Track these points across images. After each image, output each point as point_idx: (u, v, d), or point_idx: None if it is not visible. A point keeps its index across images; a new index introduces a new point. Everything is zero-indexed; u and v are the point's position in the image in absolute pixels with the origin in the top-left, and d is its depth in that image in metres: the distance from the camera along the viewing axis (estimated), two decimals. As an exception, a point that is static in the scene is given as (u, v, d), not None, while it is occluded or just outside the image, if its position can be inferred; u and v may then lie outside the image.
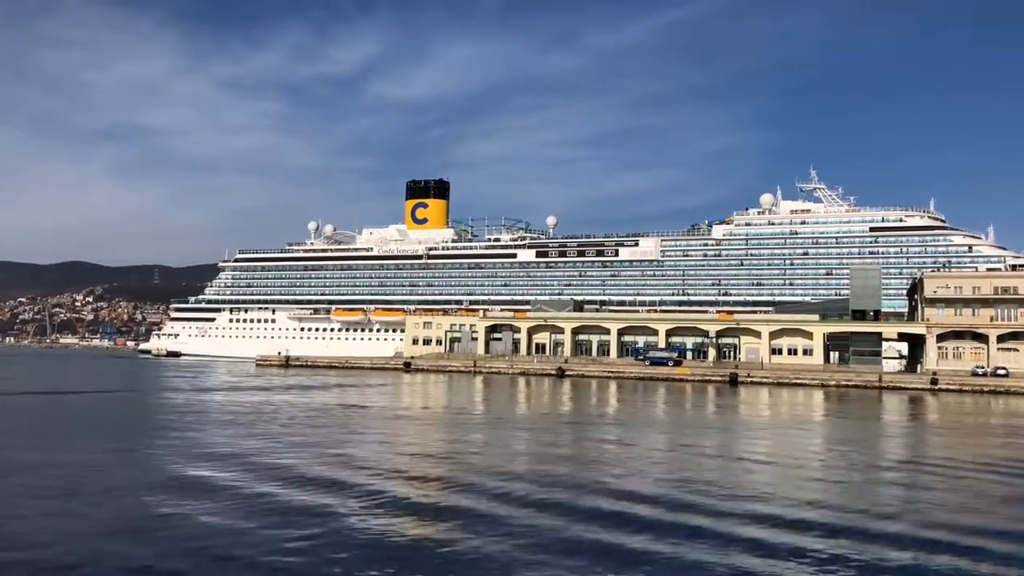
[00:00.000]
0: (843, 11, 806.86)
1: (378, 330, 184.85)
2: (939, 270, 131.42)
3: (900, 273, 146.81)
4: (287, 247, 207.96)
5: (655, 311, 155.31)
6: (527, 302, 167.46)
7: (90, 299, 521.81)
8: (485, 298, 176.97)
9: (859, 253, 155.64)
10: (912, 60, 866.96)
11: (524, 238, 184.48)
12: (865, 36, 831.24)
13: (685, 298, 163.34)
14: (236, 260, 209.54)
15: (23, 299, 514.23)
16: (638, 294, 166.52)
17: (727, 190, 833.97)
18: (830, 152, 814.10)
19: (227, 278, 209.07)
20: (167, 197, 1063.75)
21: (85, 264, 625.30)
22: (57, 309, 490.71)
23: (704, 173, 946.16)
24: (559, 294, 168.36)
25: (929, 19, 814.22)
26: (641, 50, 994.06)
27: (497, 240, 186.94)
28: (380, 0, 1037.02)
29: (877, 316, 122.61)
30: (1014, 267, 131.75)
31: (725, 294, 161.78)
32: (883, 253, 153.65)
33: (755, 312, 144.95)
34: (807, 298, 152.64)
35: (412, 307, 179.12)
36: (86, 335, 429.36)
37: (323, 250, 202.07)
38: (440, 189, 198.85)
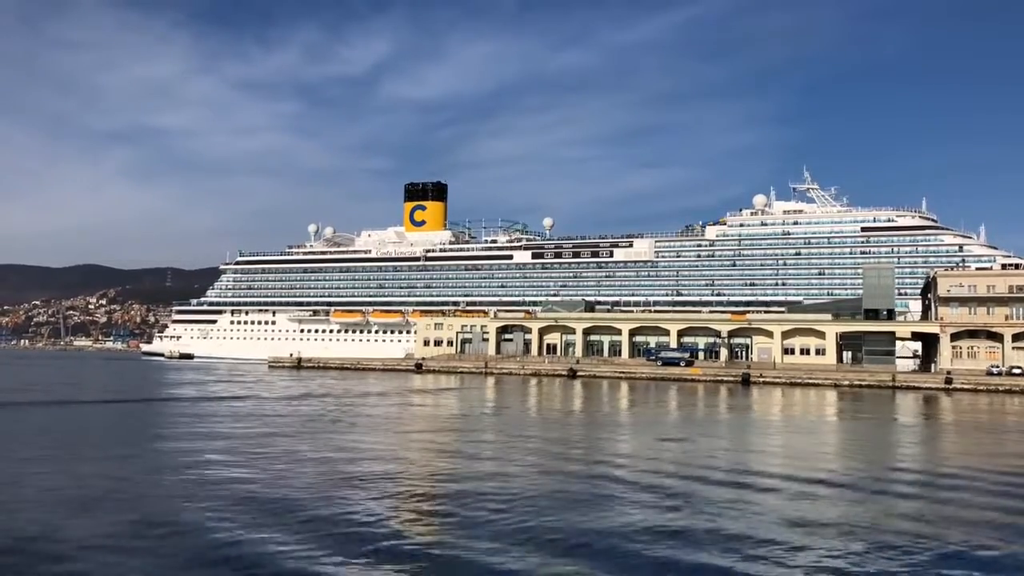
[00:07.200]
0: (858, 7, 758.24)
1: (376, 331, 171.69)
2: (950, 269, 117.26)
3: (891, 273, 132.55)
4: (287, 249, 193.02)
5: (665, 311, 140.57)
6: (524, 303, 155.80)
7: (103, 302, 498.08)
8: (482, 299, 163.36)
9: (851, 253, 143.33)
10: (913, 57, 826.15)
11: (520, 240, 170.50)
12: (878, 33, 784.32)
13: (679, 298, 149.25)
14: (237, 263, 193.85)
15: (37, 302, 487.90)
16: (632, 295, 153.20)
17: (743, 188, 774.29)
18: (844, 150, 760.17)
19: (228, 280, 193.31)
20: (180, 199, 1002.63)
21: (99, 267, 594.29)
22: (71, 312, 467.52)
23: (719, 171, 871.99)
24: (555, 295, 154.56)
25: (931, 16, 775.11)
26: (656, 47, 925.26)
27: (494, 242, 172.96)
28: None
29: (891, 315, 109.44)
30: (1004, 267, 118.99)
31: (718, 294, 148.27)
32: (874, 253, 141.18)
33: (748, 311, 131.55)
34: (799, 298, 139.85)
35: (410, 309, 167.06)
36: (100, 337, 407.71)
37: (322, 252, 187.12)
38: (438, 191, 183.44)
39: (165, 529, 18.16)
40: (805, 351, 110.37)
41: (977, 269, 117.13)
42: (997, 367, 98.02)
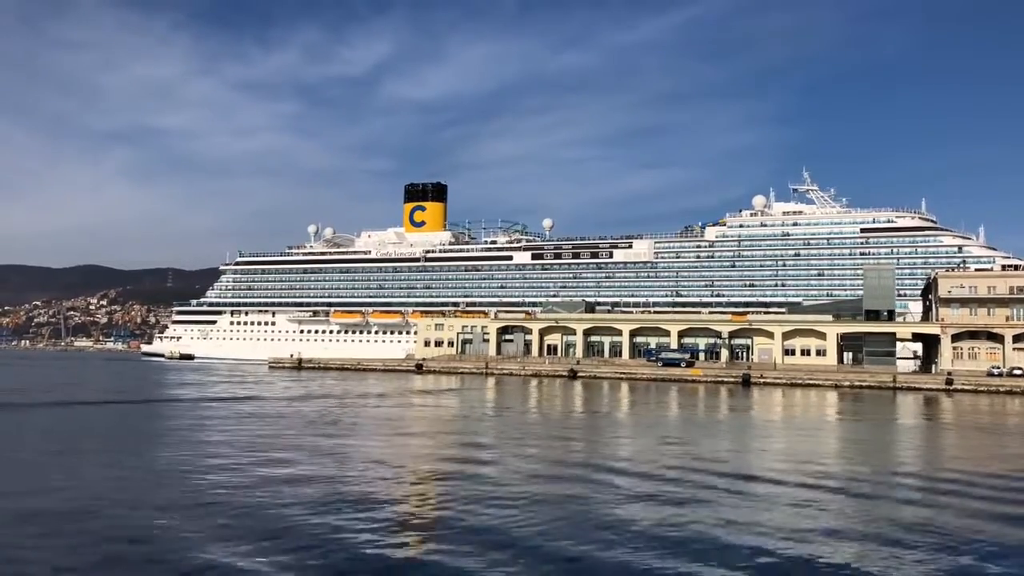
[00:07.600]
0: (858, 7, 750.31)
1: (376, 332, 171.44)
2: (950, 270, 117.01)
3: (892, 274, 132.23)
4: (287, 250, 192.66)
5: (665, 312, 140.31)
6: (524, 304, 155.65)
7: (104, 302, 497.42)
8: (482, 300, 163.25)
9: (850, 254, 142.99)
10: (913, 58, 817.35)
11: (520, 240, 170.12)
12: (878, 33, 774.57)
13: (679, 299, 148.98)
14: (236, 263, 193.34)
15: (38, 302, 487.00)
16: (632, 295, 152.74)
17: (743, 189, 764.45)
18: (844, 151, 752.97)
19: (228, 281, 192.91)
20: (181, 199, 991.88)
21: (99, 267, 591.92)
22: (72, 312, 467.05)
23: (719, 171, 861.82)
24: (554, 296, 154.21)
25: (931, 17, 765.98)
26: (656, 48, 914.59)
27: (493, 243, 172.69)
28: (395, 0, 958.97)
29: (891, 316, 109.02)
30: (1004, 267, 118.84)
31: (718, 295, 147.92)
32: (874, 254, 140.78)
33: (748, 312, 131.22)
34: (799, 299, 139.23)
35: (410, 309, 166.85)
36: (100, 338, 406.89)
37: (322, 253, 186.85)
38: (438, 192, 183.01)
39: (163, 536, 17.94)
40: (806, 352, 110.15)
41: (977, 270, 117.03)
42: (998, 368, 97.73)
